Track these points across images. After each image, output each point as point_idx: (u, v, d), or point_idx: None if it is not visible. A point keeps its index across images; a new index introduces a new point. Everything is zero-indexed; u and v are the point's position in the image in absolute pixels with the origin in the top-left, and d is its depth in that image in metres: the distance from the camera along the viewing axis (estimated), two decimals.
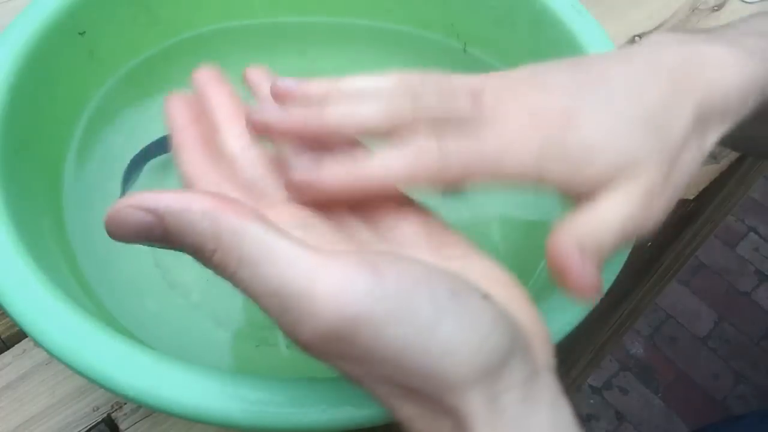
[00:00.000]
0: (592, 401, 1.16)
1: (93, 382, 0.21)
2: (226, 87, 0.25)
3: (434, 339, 0.16)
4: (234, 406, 0.20)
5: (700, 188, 0.40)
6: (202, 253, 0.17)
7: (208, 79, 0.26)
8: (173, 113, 0.23)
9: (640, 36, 0.47)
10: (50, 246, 0.30)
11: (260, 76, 0.26)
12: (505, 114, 0.21)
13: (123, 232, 0.17)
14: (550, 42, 0.36)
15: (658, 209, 0.21)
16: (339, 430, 0.21)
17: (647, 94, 0.21)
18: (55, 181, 0.34)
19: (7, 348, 0.32)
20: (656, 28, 0.49)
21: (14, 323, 0.24)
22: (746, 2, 0.51)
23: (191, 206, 0.16)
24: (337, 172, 0.20)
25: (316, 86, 0.22)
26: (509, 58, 0.39)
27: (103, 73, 0.37)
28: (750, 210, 1.39)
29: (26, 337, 0.32)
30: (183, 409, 0.20)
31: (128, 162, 0.37)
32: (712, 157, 0.41)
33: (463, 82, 0.22)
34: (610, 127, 0.21)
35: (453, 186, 0.21)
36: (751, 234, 1.36)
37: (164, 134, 0.37)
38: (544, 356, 0.19)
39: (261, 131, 0.21)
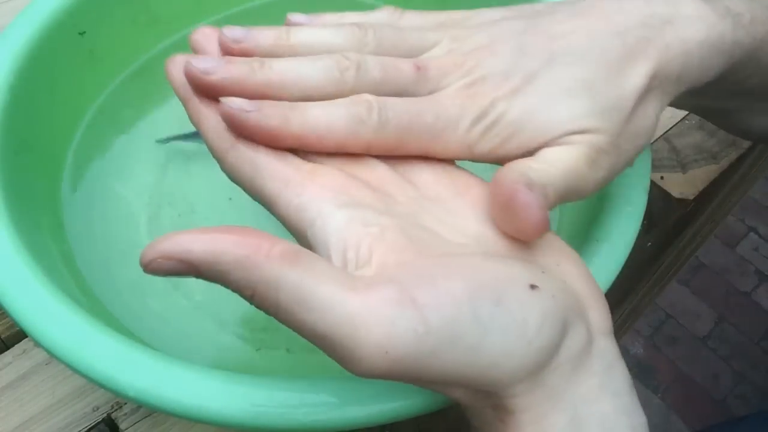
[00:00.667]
0: None
1: (93, 382, 0.21)
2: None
3: (480, 357, 0.16)
4: (234, 406, 0.20)
5: (700, 188, 0.40)
6: (241, 295, 0.16)
7: (210, 39, 0.23)
8: (180, 77, 0.21)
9: None
10: (50, 246, 0.30)
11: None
12: (447, 86, 0.21)
13: (158, 275, 0.17)
14: None
15: (604, 167, 0.20)
16: (340, 430, 0.21)
17: (596, 59, 0.21)
18: (55, 181, 0.34)
19: (7, 348, 0.32)
20: None
21: (14, 323, 0.24)
22: None
23: (223, 257, 0.16)
24: (274, 113, 0.19)
25: (264, 36, 0.21)
26: None
27: (104, 72, 0.37)
28: (750, 210, 1.39)
29: (26, 337, 0.32)
30: (183, 409, 0.20)
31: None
32: (712, 157, 0.41)
33: (414, 42, 0.22)
34: (548, 93, 0.20)
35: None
36: (751, 234, 1.36)
37: None
38: (599, 320, 0.19)
39: (198, 84, 0.20)
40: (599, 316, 0.19)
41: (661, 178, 0.40)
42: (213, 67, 0.20)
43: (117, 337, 0.22)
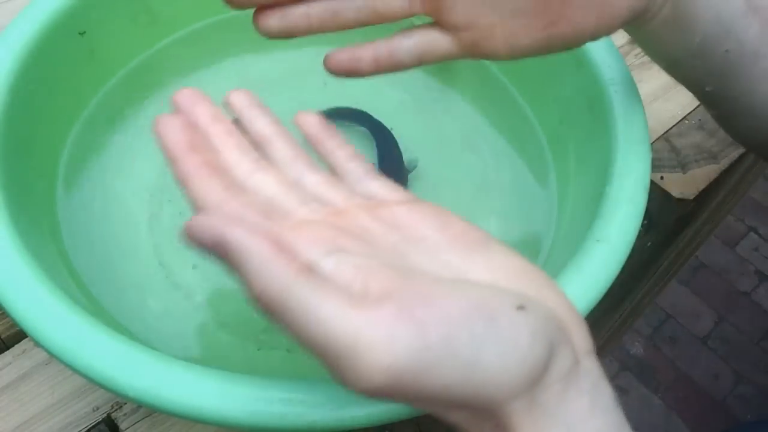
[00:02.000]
0: None
1: (93, 382, 0.21)
2: (211, 107, 0.24)
3: (477, 372, 0.17)
4: (233, 407, 0.20)
5: (700, 188, 0.40)
6: (249, 292, 0.17)
7: (191, 100, 0.24)
8: (168, 139, 0.22)
9: None
10: (49, 246, 0.30)
11: (242, 100, 0.25)
12: None
13: (192, 239, 0.18)
14: None
15: None
16: (338, 430, 0.21)
17: None
18: (56, 180, 0.34)
19: (7, 348, 0.32)
20: None
21: (14, 323, 0.24)
22: None
23: (251, 248, 0.17)
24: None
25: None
26: None
27: (104, 72, 0.37)
28: (750, 210, 1.39)
29: (26, 337, 0.32)
30: (183, 409, 0.20)
31: None
32: (712, 157, 0.41)
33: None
34: None
35: None
36: (751, 234, 1.36)
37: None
38: (582, 342, 0.20)
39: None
40: (581, 337, 0.20)
41: (661, 178, 0.40)
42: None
43: (117, 337, 0.22)
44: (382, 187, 0.23)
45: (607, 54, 0.33)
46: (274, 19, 0.27)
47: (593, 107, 0.32)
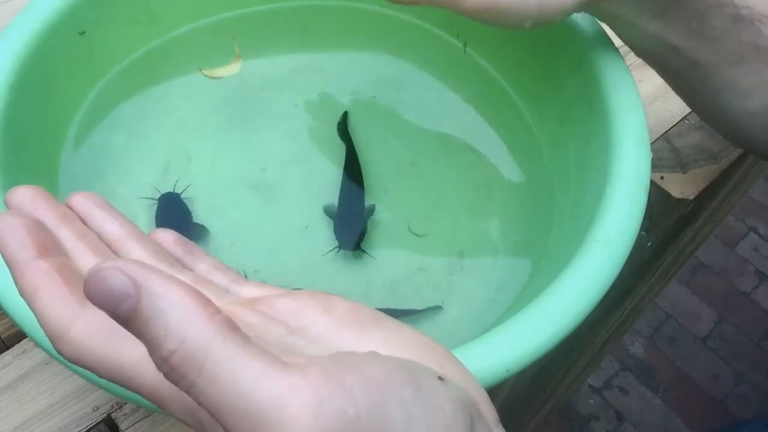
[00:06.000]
0: (592, 401, 1.16)
1: (93, 383, 0.21)
2: (58, 207, 0.21)
3: None
4: None
5: (700, 188, 0.40)
6: (159, 350, 0.15)
7: (33, 202, 0.20)
8: (8, 243, 0.18)
9: None
10: None
11: (86, 204, 0.22)
12: None
13: (96, 289, 0.15)
14: (549, 40, 0.36)
15: None
16: None
17: None
18: (56, 181, 0.34)
19: (7, 348, 0.32)
20: None
21: (14, 323, 0.24)
22: None
23: (170, 295, 0.15)
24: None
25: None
26: (509, 57, 0.39)
27: (104, 73, 0.37)
28: (750, 210, 1.39)
29: (26, 337, 0.32)
30: None
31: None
32: (712, 157, 0.41)
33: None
34: None
35: None
36: (751, 234, 1.36)
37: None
38: (490, 414, 0.19)
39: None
40: (488, 409, 0.19)
41: (661, 178, 0.40)
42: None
43: None
44: (253, 290, 0.22)
45: (606, 54, 0.33)
46: None
47: (593, 108, 0.32)
